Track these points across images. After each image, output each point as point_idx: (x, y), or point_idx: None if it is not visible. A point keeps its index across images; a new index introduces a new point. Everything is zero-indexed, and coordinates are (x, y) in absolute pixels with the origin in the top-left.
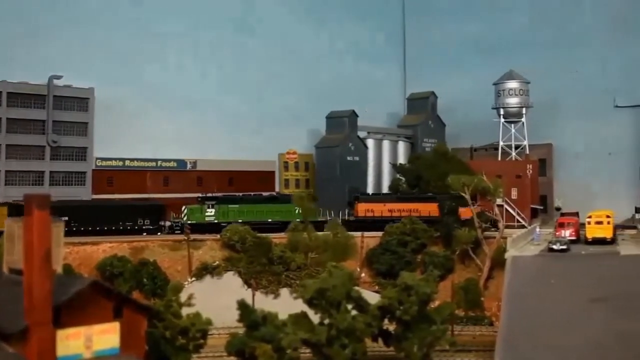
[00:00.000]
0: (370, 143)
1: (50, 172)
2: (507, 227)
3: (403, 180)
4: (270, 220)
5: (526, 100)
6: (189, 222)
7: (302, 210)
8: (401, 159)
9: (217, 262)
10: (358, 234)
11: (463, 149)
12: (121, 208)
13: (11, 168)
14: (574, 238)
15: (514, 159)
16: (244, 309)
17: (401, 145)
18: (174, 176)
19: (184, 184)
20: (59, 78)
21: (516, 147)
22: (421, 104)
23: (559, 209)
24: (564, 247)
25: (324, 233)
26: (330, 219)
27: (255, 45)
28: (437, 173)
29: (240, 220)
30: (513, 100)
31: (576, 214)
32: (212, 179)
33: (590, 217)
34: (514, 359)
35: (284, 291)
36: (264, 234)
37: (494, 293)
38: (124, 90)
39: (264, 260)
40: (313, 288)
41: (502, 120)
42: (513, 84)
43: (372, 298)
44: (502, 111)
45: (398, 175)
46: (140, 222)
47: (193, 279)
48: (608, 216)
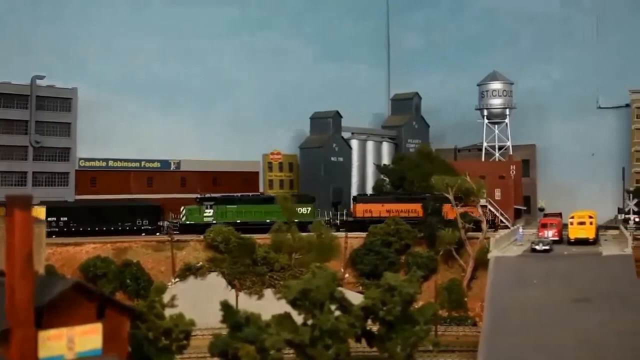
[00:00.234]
0: (354, 144)
1: (33, 173)
2: (491, 228)
3: (387, 181)
4: (268, 221)
5: (509, 101)
6: (188, 223)
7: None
8: (385, 160)
9: (201, 263)
10: (342, 234)
11: (447, 149)
12: (121, 209)
13: None
14: (556, 239)
15: (497, 159)
16: (227, 309)
17: (385, 146)
18: (157, 177)
19: (168, 184)
20: (42, 78)
21: (500, 148)
22: (405, 105)
23: (542, 209)
24: (547, 248)
25: (308, 234)
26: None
27: (239, 46)
28: (421, 173)
29: (238, 221)
30: (496, 101)
31: (559, 214)
32: (196, 179)
33: (572, 218)
34: (496, 359)
35: (268, 292)
36: (247, 235)
37: (477, 293)
38: (108, 90)
39: (247, 261)
40: (296, 289)
41: (486, 121)
42: (496, 85)
43: (356, 298)
44: (486, 112)
45: (382, 176)
46: (139, 223)
47: (176, 279)
48: (590, 217)
